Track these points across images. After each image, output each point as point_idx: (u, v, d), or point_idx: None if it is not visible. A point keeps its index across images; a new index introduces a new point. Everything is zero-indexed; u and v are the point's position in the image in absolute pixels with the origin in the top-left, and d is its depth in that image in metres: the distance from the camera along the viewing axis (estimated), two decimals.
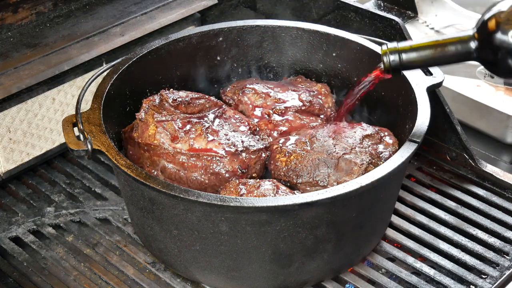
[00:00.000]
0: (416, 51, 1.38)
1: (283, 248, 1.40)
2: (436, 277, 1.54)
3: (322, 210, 1.38)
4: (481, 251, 1.60)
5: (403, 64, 1.39)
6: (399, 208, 1.70)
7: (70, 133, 1.47)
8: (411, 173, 1.81)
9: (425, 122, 1.47)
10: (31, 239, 1.66)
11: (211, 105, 1.65)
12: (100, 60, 1.84)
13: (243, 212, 1.35)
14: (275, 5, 2.09)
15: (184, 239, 1.44)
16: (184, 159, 1.52)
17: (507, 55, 1.31)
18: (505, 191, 1.73)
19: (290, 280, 1.47)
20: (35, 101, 1.75)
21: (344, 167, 1.49)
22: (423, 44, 1.38)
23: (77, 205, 1.74)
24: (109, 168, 1.84)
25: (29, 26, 1.85)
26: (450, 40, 1.37)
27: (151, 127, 1.55)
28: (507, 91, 1.95)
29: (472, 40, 1.36)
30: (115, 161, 1.40)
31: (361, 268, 1.56)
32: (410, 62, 1.39)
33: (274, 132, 1.64)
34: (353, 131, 1.56)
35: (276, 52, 1.81)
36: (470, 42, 1.36)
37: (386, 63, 1.40)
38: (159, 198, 1.40)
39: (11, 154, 1.75)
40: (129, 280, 1.56)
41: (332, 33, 1.74)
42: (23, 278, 1.57)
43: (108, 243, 1.64)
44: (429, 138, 1.81)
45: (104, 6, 1.96)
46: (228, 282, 1.48)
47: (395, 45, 1.40)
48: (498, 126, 1.89)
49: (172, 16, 1.96)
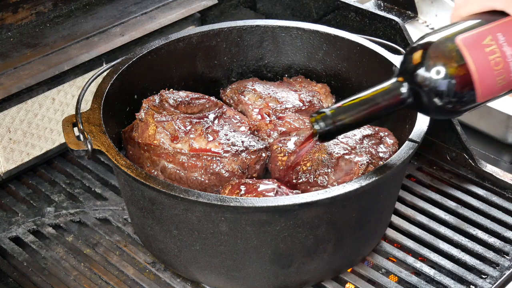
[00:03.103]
0: (347, 112, 1.27)
1: (283, 248, 1.40)
2: (436, 277, 1.54)
3: (322, 210, 1.38)
4: (481, 251, 1.60)
5: (338, 128, 1.28)
6: (399, 208, 1.70)
7: (70, 133, 1.47)
8: (411, 173, 1.81)
9: (425, 122, 1.47)
10: (31, 239, 1.66)
11: (211, 105, 1.65)
12: (100, 60, 1.84)
13: (243, 212, 1.35)
14: (275, 5, 2.09)
15: (184, 239, 1.44)
16: (184, 159, 1.52)
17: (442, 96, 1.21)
18: (505, 191, 1.73)
19: (290, 280, 1.47)
20: (35, 101, 1.75)
21: (344, 167, 1.49)
22: (353, 103, 1.27)
23: (77, 205, 1.74)
24: (109, 168, 1.84)
25: (29, 26, 1.85)
26: (378, 91, 1.27)
27: (151, 127, 1.55)
28: None
29: (400, 86, 1.26)
30: (115, 161, 1.40)
31: (361, 268, 1.56)
32: (344, 125, 1.28)
33: (274, 132, 1.64)
34: (353, 131, 1.56)
35: (276, 52, 1.81)
36: (398, 89, 1.26)
37: (320, 130, 1.28)
38: (159, 198, 1.40)
39: (11, 154, 1.75)
40: (129, 280, 1.56)
41: (332, 33, 1.74)
42: (23, 278, 1.57)
43: (108, 243, 1.64)
44: (429, 138, 1.81)
45: (104, 6, 1.96)
46: (228, 282, 1.48)
47: (325, 111, 1.28)
48: (498, 126, 1.89)
49: (172, 16, 1.96)
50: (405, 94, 1.26)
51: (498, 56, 1.18)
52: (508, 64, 1.18)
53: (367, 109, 1.27)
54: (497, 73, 1.19)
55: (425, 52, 1.22)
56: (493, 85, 1.20)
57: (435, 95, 1.22)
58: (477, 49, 1.18)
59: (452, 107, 1.22)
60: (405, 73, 1.25)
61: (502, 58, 1.18)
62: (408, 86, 1.25)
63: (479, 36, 1.19)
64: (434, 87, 1.21)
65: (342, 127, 1.28)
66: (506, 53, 1.18)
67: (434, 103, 1.23)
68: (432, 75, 1.21)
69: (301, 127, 1.64)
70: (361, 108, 1.27)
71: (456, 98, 1.21)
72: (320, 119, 1.28)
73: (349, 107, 1.27)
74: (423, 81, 1.22)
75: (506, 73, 1.19)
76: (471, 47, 1.18)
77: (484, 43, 1.18)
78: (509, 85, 1.21)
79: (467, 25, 1.22)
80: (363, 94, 1.28)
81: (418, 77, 1.23)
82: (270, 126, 1.65)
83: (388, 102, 1.27)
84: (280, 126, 1.64)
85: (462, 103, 1.22)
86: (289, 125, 1.64)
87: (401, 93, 1.26)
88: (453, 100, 1.21)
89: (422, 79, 1.22)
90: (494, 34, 1.19)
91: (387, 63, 1.63)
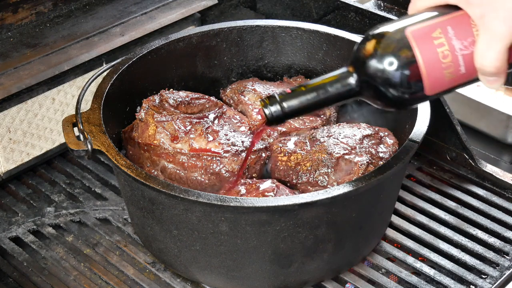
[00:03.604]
0: (296, 97, 1.28)
1: (283, 248, 1.40)
2: (436, 277, 1.54)
3: (322, 210, 1.38)
4: (481, 251, 1.60)
5: (286, 113, 1.29)
6: (399, 208, 1.70)
7: (70, 133, 1.47)
8: (411, 173, 1.81)
9: (425, 122, 1.47)
10: (31, 239, 1.66)
11: (211, 105, 1.65)
12: (100, 60, 1.84)
13: (243, 212, 1.35)
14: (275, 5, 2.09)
15: (184, 239, 1.44)
16: (184, 159, 1.52)
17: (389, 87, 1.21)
18: (505, 191, 1.73)
19: (290, 280, 1.47)
20: (35, 101, 1.75)
21: (344, 167, 1.49)
22: (302, 90, 1.29)
23: (77, 205, 1.74)
24: (109, 168, 1.84)
25: (29, 26, 1.85)
26: (328, 80, 1.28)
27: (151, 127, 1.55)
28: (507, 91, 1.95)
29: (350, 75, 1.26)
30: (115, 161, 1.40)
31: (361, 268, 1.56)
32: (292, 110, 1.29)
33: (274, 132, 1.64)
34: (353, 131, 1.56)
35: (276, 52, 1.81)
36: (348, 78, 1.26)
37: (269, 115, 1.29)
38: (159, 198, 1.40)
39: (11, 154, 1.75)
40: (129, 280, 1.56)
41: (332, 33, 1.74)
42: (23, 278, 1.57)
43: (108, 243, 1.64)
44: (429, 138, 1.81)
45: (104, 6, 1.96)
46: (228, 282, 1.48)
47: (275, 96, 1.30)
48: (498, 126, 1.89)
49: (172, 16, 1.96)
50: (354, 84, 1.26)
51: (447, 49, 1.18)
52: (456, 57, 1.18)
53: (315, 97, 1.28)
54: (445, 66, 1.19)
55: (375, 43, 1.22)
56: (441, 77, 1.20)
57: (383, 86, 1.22)
58: (426, 41, 1.19)
59: (400, 98, 1.23)
60: (355, 62, 1.26)
61: (450, 51, 1.18)
62: (357, 76, 1.26)
63: (429, 28, 1.20)
64: (382, 78, 1.21)
65: (290, 112, 1.29)
66: (455, 46, 1.18)
67: (381, 94, 1.23)
68: (381, 66, 1.21)
69: (301, 127, 1.64)
70: (309, 95, 1.28)
71: (404, 90, 1.21)
72: (268, 103, 1.30)
73: (298, 93, 1.28)
74: (371, 72, 1.22)
75: (454, 66, 1.19)
76: (420, 39, 1.19)
77: (433, 35, 1.19)
78: (458, 79, 1.21)
79: (420, 18, 1.22)
80: (313, 81, 1.29)
81: (366, 67, 1.23)
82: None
83: (336, 91, 1.27)
84: (280, 126, 1.64)
85: (410, 94, 1.22)
86: (289, 125, 1.64)
87: (350, 83, 1.27)
88: (401, 91, 1.22)
89: (370, 69, 1.23)
90: (444, 27, 1.19)
91: None
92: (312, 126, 1.65)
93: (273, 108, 1.29)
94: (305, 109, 1.29)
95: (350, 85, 1.26)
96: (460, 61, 1.19)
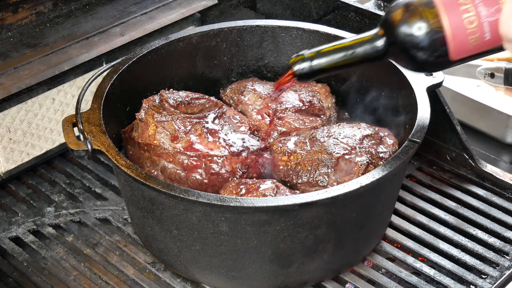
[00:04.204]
0: (325, 56, 1.36)
1: (283, 248, 1.40)
2: (436, 277, 1.54)
3: (322, 210, 1.38)
4: (481, 251, 1.60)
5: (314, 70, 1.37)
6: (399, 208, 1.70)
7: (70, 133, 1.47)
8: (411, 173, 1.81)
9: (425, 122, 1.47)
10: (31, 239, 1.66)
11: (211, 105, 1.65)
12: (100, 60, 1.84)
13: (243, 212, 1.35)
14: (275, 5, 2.09)
15: (184, 239, 1.44)
16: (184, 159, 1.52)
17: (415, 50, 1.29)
18: (505, 191, 1.73)
19: (290, 280, 1.47)
20: (35, 101, 1.75)
21: (344, 167, 1.49)
22: (331, 49, 1.36)
23: (77, 205, 1.74)
24: (109, 168, 1.84)
25: (29, 26, 1.85)
26: (357, 40, 1.36)
27: (151, 127, 1.55)
28: (507, 91, 1.95)
29: (378, 38, 1.34)
30: (115, 161, 1.40)
31: (361, 268, 1.56)
32: (320, 67, 1.37)
33: (274, 132, 1.64)
34: (353, 131, 1.56)
35: (276, 52, 1.81)
36: (376, 40, 1.34)
37: (297, 71, 1.37)
38: (159, 198, 1.40)
39: (11, 154, 1.75)
40: (129, 280, 1.56)
41: (332, 33, 1.74)
42: (23, 278, 1.57)
43: (108, 243, 1.64)
44: (429, 138, 1.81)
45: (104, 6, 1.96)
46: (228, 282, 1.48)
47: (304, 53, 1.37)
48: (498, 126, 1.89)
49: (172, 16, 1.96)
50: (382, 46, 1.33)
51: (473, 15, 1.23)
52: (482, 23, 1.23)
53: (343, 56, 1.35)
54: (470, 32, 1.24)
55: (404, 8, 1.28)
56: (466, 43, 1.25)
57: (410, 50, 1.29)
58: (453, 7, 1.24)
59: (425, 62, 1.29)
60: (385, 26, 1.32)
61: (476, 17, 1.23)
62: (386, 39, 1.32)
63: None
64: (409, 41, 1.28)
65: (317, 69, 1.36)
66: (481, 13, 1.23)
67: (408, 57, 1.30)
68: (408, 31, 1.27)
69: (301, 127, 1.64)
70: (338, 54, 1.35)
71: (429, 54, 1.28)
72: (299, 60, 1.36)
73: (327, 52, 1.36)
74: (400, 35, 1.29)
75: (479, 33, 1.24)
76: (447, 5, 1.24)
77: (460, 1, 1.24)
78: (483, 45, 1.26)
79: None
80: (342, 41, 1.36)
81: (395, 31, 1.29)
82: (270, 126, 1.65)
83: (364, 51, 1.35)
84: (280, 126, 1.64)
85: (435, 58, 1.28)
86: (289, 125, 1.64)
87: (378, 45, 1.33)
88: (426, 55, 1.28)
89: (398, 33, 1.29)
90: None
91: (387, 63, 1.63)
92: (312, 126, 1.65)
93: (302, 65, 1.36)
94: (332, 68, 1.36)
95: (378, 47, 1.33)
96: (486, 28, 1.23)
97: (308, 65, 1.36)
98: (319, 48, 1.36)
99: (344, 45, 1.35)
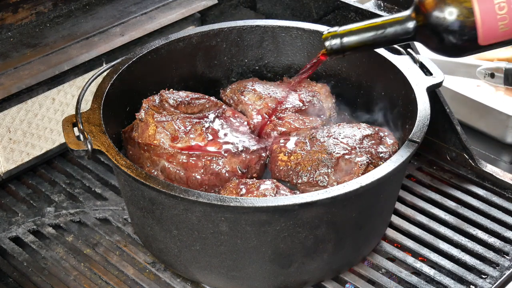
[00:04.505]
0: (356, 34, 1.40)
1: (283, 248, 1.40)
2: (436, 277, 1.54)
3: (322, 210, 1.38)
4: (481, 251, 1.60)
5: (344, 47, 1.41)
6: (399, 208, 1.70)
7: (70, 133, 1.47)
8: (411, 173, 1.81)
9: (425, 122, 1.47)
10: (31, 239, 1.66)
11: (211, 105, 1.65)
12: (100, 60, 1.84)
13: (243, 212, 1.35)
14: (275, 5, 2.09)
15: (184, 239, 1.44)
16: (184, 159, 1.52)
17: (445, 33, 1.32)
18: (505, 191, 1.73)
19: (290, 280, 1.47)
20: (35, 101, 1.75)
21: (344, 167, 1.49)
22: (362, 27, 1.40)
23: (77, 205, 1.74)
24: (109, 168, 1.84)
25: (29, 26, 1.85)
26: (389, 21, 1.39)
27: (151, 127, 1.55)
28: (507, 91, 1.95)
29: (410, 20, 1.37)
30: (115, 161, 1.40)
31: (361, 268, 1.56)
32: (350, 45, 1.41)
33: (274, 132, 1.64)
34: (353, 131, 1.56)
35: (276, 52, 1.81)
36: (408, 22, 1.37)
37: (328, 46, 1.42)
38: (159, 198, 1.40)
39: (11, 154, 1.75)
40: (129, 280, 1.56)
41: None
42: (23, 278, 1.57)
43: (108, 243, 1.64)
44: (429, 138, 1.81)
45: (104, 6, 1.96)
46: (228, 282, 1.48)
47: (336, 29, 1.41)
48: (498, 126, 1.89)
49: (172, 16, 1.96)
50: (412, 28, 1.37)
51: (504, 1, 1.26)
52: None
53: (373, 35, 1.40)
54: (500, 17, 1.27)
55: None
56: (495, 28, 1.28)
57: (440, 33, 1.32)
58: None
59: (454, 45, 1.33)
60: (417, 8, 1.36)
61: (507, 4, 1.26)
62: (416, 21, 1.36)
63: None
64: (440, 25, 1.32)
65: (348, 46, 1.41)
66: None
67: (438, 40, 1.34)
68: (440, 14, 1.31)
69: (301, 127, 1.64)
70: (368, 33, 1.40)
71: (458, 37, 1.31)
72: (330, 36, 1.41)
73: (358, 31, 1.41)
74: (431, 18, 1.33)
75: (509, 19, 1.27)
76: None
77: None
78: None
79: None
80: (374, 20, 1.40)
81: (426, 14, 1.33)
82: (270, 126, 1.65)
83: (394, 32, 1.39)
84: (280, 126, 1.64)
85: (463, 42, 1.32)
86: (289, 125, 1.64)
87: (408, 26, 1.37)
88: (455, 38, 1.32)
89: (430, 16, 1.33)
90: None
91: (387, 63, 1.63)
92: (312, 126, 1.65)
93: (333, 41, 1.41)
94: (361, 45, 1.41)
95: (409, 28, 1.37)
96: None
97: (339, 41, 1.40)
98: (351, 26, 1.40)
99: (375, 25, 1.39)
